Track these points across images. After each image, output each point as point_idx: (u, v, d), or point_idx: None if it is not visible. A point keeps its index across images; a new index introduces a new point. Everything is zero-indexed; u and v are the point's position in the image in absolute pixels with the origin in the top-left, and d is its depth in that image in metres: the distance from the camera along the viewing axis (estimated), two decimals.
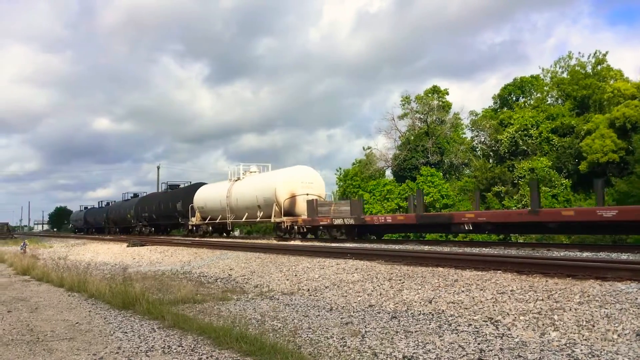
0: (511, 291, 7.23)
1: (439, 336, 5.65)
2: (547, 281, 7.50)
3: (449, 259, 10.20)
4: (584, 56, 42.82)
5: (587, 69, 42.26)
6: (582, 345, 5.00)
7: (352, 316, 7.03)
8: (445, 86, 47.45)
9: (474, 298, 7.24)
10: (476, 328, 5.95)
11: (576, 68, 42.41)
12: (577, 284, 7.05)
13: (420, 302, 7.55)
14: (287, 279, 10.98)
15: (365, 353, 5.09)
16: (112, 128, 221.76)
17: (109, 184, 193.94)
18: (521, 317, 6.11)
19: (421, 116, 46.41)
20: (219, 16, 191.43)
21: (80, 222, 66.15)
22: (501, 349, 5.04)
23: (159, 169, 68.49)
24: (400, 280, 9.05)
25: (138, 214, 43.10)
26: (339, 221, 19.56)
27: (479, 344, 5.25)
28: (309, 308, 7.81)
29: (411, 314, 6.99)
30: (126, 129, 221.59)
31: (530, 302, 6.61)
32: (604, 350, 4.79)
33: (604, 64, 41.74)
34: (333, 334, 5.95)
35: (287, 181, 24.21)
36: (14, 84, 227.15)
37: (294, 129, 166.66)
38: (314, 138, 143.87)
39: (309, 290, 9.65)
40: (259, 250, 16.59)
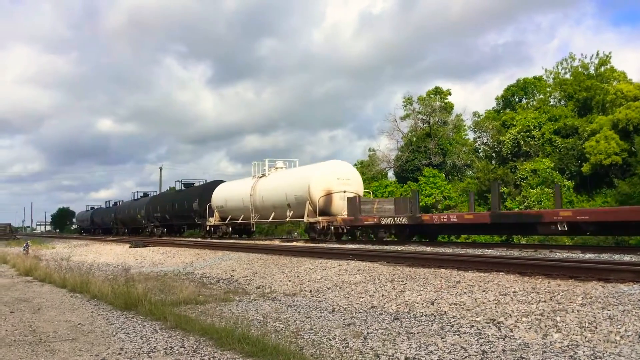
0: (513, 292, 7.22)
1: (441, 337, 5.65)
2: (549, 283, 7.49)
3: (451, 260, 10.19)
4: (586, 57, 42.76)
5: (590, 70, 42.19)
6: (585, 347, 4.99)
7: (354, 317, 7.03)
8: (448, 87, 47.61)
9: (476, 299, 7.23)
10: (478, 329, 5.94)
11: (579, 69, 42.34)
12: (580, 286, 7.04)
13: (423, 304, 7.54)
14: (290, 280, 10.98)
15: (368, 354, 5.08)
16: (115, 129, 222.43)
17: (112, 185, 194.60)
18: (524, 319, 6.11)
19: (423, 117, 46.41)
20: (222, 17, 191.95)
21: (87, 223, 64.61)
22: (503, 350, 5.03)
23: (161, 170, 68.84)
24: (402, 281, 9.04)
25: (149, 214, 41.22)
26: (387, 220, 17.45)
27: (481, 345, 5.25)
28: (311, 309, 7.81)
29: (413, 315, 6.99)
30: (129, 130, 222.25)
31: (532, 304, 6.60)
32: (607, 352, 4.78)
33: (608, 65, 41.67)
34: (335, 335, 5.95)
35: (322, 177, 21.71)
36: (17, 84, 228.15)
37: (296, 130, 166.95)
38: (317, 139, 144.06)
39: (311, 291, 9.65)
40: (261, 251, 16.60)
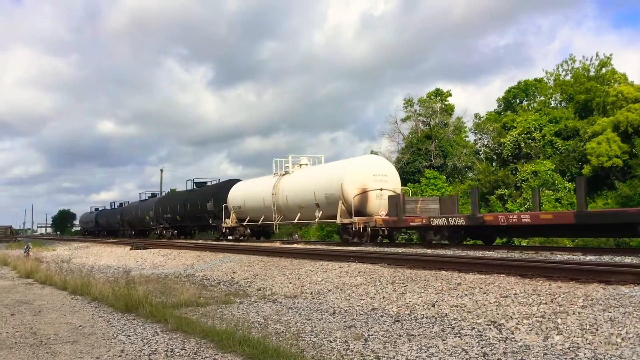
0: (514, 295, 7.22)
1: (442, 340, 5.64)
2: (550, 285, 7.48)
3: (452, 262, 10.18)
4: (588, 59, 42.76)
5: (591, 72, 42.19)
6: (586, 349, 4.98)
7: (355, 320, 7.02)
8: (449, 89, 47.38)
9: (477, 301, 7.22)
10: (479, 332, 5.93)
11: (580, 71, 42.35)
12: (581, 288, 7.03)
13: (424, 306, 7.54)
14: (290, 282, 10.98)
15: (369, 357, 5.08)
16: (116, 131, 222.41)
17: (113, 187, 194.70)
18: (525, 321, 6.10)
19: (424, 119, 46.40)
20: (223, 19, 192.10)
21: (91, 224, 62.61)
22: (505, 352, 5.03)
23: (162, 172, 68.68)
24: (403, 283, 9.04)
25: (158, 215, 39.25)
26: (439, 221, 15.65)
27: (482, 347, 5.24)
28: (312, 311, 7.81)
29: (414, 317, 6.98)
30: (130, 132, 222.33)
31: (533, 306, 6.60)
32: (608, 354, 4.78)
33: (609, 67, 41.66)
34: (336, 337, 5.94)
35: (357, 174, 19.91)
36: (18, 87, 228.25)
37: (297, 131, 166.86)
38: (318, 141, 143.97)
39: (312, 293, 9.64)
40: (261, 253, 16.61)
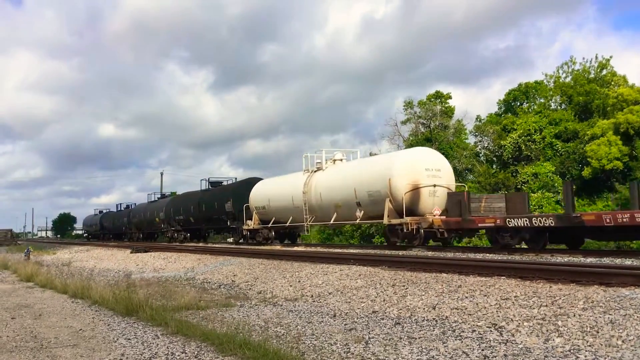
0: (515, 297, 7.21)
1: (443, 342, 5.64)
2: (551, 287, 7.48)
3: (452, 265, 10.18)
4: (588, 61, 42.79)
5: (591, 74, 42.21)
6: (586, 351, 4.98)
7: (355, 322, 7.02)
8: (450, 92, 47.47)
9: (477, 304, 7.22)
10: (480, 334, 5.93)
11: (580, 73, 42.38)
12: (581, 290, 7.03)
13: (424, 308, 7.53)
14: (291, 285, 10.97)
15: (369, 359, 5.08)
16: (117, 134, 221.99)
17: (113, 190, 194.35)
18: (525, 323, 6.10)
19: (424, 121, 46.41)
20: (224, 23, 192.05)
21: (95, 228, 59.88)
22: (505, 355, 5.02)
23: (162, 175, 68.64)
24: (403, 286, 9.04)
25: (170, 217, 37.31)
26: (519, 222, 13.38)
27: (482, 350, 5.24)
28: (312, 314, 7.81)
29: (415, 320, 6.98)
30: (131, 135, 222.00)
31: (534, 308, 6.59)
32: (608, 357, 4.77)
33: (608, 69, 41.69)
34: (337, 340, 5.94)
35: (407, 168, 17.78)
36: (19, 90, 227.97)
37: (298, 134, 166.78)
38: (319, 144, 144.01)
39: (312, 296, 9.64)
40: (262, 256, 16.61)
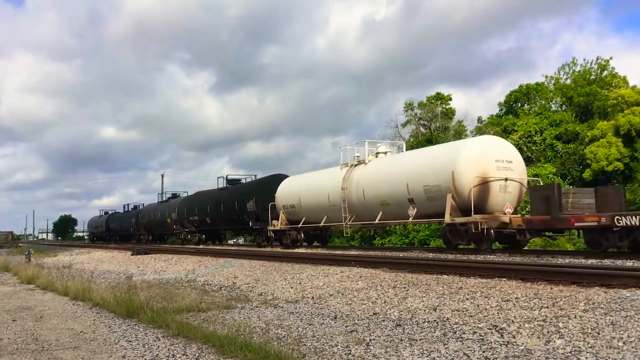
0: (516, 299, 7.21)
1: (444, 344, 5.64)
2: (551, 288, 7.48)
3: (453, 267, 10.19)
4: (590, 63, 42.80)
5: (592, 75, 42.22)
6: (588, 352, 4.97)
7: (356, 324, 7.02)
8: (451, 93, 47.50)
9: (478, 306, 7.22)
10: (481, 336, 5.93)
11: (580, 74, 42.38)
12: (582, 291, 7.03)
13: (425, 310, 7.53)
14: (292, 287, 10.97)
15: None
16: (118, 136, 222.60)
17: (114, 192, 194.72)
18: (526, 325, 6.09)
19: (425, 123, 46.43)
20: (226, 25, 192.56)
21: (101, 229, 58.44)
22: (506, 357, 5.02)
23: (163, 177, 68.59)
24: (404, 288, 9.03)
25: (182, 217, 35.72)
26: (633, 220, 11.12)
27: (483, 352, 5.24)
28: (313, 316, 7.80)
29: (416, 322, 6.97)
30: (132, 137, 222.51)
31: (535, 310, 6.59)
32: (610, 358, 4.77)
33: (609, 70, 41.70)
34: (337, 342, 5.94)
35: (475, 159, 15.53)
36: (20, 92, 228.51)
37: (299, 136, 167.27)
38: (319, 145, 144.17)
39: (313, 298, 9.64)
40: (262, 258, 16.60)
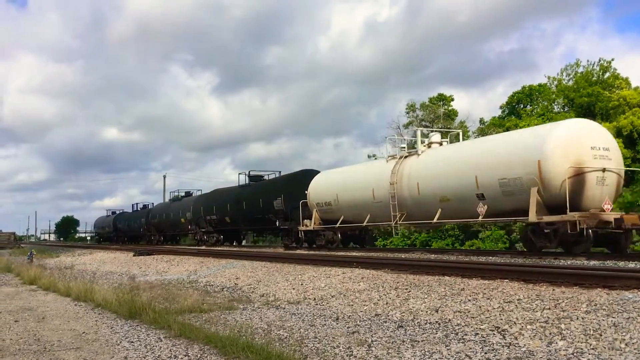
0: (518, 300, 7.21)
1: (446, 346, 5.63)
2: (554, 290, 7.47)
3: (455, 268, 10.18)
4: (593, 64, 42.77)
5: (594, 76, 42.18)
6: (590, 354, 4.97)
7: (358, 325, 7.02)
8: (453, 94, 47.34)
9: (480, 307, 7.22)
10: (483, 337, 5.92)
11: (582, 75, 42.35)
12: (584, 293, 7.02)
13: (427, 311, 7.53)
14: (293, 288, 10.97)
15: None
16: (120, 137, 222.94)
17: (116, 193, 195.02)
18: (528, 326, 6.09)
19: (427, 124, 46.42)
20: (228, 26, 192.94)
21: (108, 230, 57.15)
22: (508, 358, 5.02)
23: (165, 178, 68.62)
24: (406, 289, 9.03)
25: (199, 216, 33.97)
26: None
27: (485, 353, 5.23)
28: (315, 317, 7.80)
29: (417, 323, 6.97)
30: (134, 138, 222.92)
31: (537, 311, 6.59)
32: None
33: (610, 72, 41.66)
34: (339, 343, 5.94)
35: (567, 146, 13.20)
36: (23, 93, 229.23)
37: (301, 137, 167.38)
38: (321, 146, 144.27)
39: (315, 299, 9.64)
40: (264, 259, 16.60)
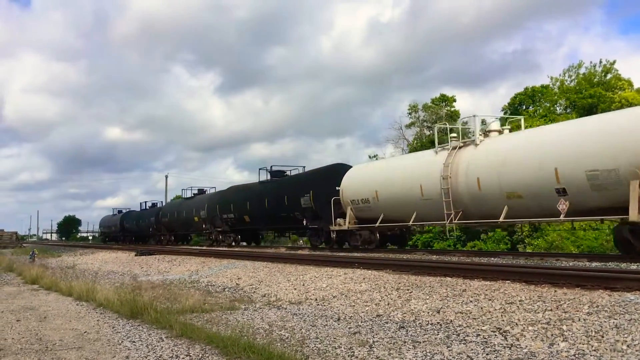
0: (520, 301, 7.20)
1: (447, 346, 5.63)
2: (555, 291, 7.46)
3: (457, 269, 10.17)
4: (595, 66, 42.73)
5: (596, 78, 42.12)
6: (591, 356, 4.96)
7: (359, 326, 7.02)
8: (455, 95, 47.32)
9: (482, 308, 7.21)
10: (484, 338, 5.92)
11: (584, 77, 42.29)
12: (586, 294, 7.01)
13: (428, 312, 7.52)
14: (295, 289, 10.98)
15: None
16: (123, 137, 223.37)
17: (119, 193, 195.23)
18: (530, 328, 6.08)
19: (429, 125, 46.37)
20: (231, 26, 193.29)
21: (114, 229, 55.06)
22: (510, 359, 5.01)
23: (167, 177, 68.71)
24: (408, 290, 9.03)
25: (214, 215, 32.06)
26: None
27: (487, 354, 5.23)
28: (316, 318, 7.80)
29: (419, 324, 6.97)
30: (137, 138, 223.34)
31: (539, 312, 6.58)
32: None
33: (613, 73, 41.60)
34: (341, 344, 5.94)
35: None
36: (26, 93, 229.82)
37: (303, 137, 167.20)
38: (324, 147, 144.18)
39: (316, 299, 9.64)
40: (266, 259, 16.61)
